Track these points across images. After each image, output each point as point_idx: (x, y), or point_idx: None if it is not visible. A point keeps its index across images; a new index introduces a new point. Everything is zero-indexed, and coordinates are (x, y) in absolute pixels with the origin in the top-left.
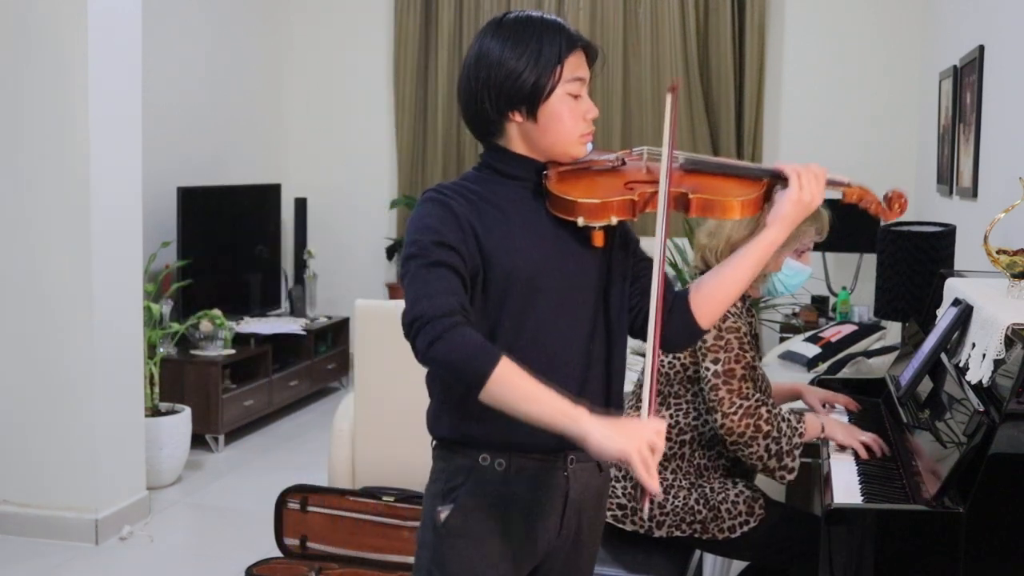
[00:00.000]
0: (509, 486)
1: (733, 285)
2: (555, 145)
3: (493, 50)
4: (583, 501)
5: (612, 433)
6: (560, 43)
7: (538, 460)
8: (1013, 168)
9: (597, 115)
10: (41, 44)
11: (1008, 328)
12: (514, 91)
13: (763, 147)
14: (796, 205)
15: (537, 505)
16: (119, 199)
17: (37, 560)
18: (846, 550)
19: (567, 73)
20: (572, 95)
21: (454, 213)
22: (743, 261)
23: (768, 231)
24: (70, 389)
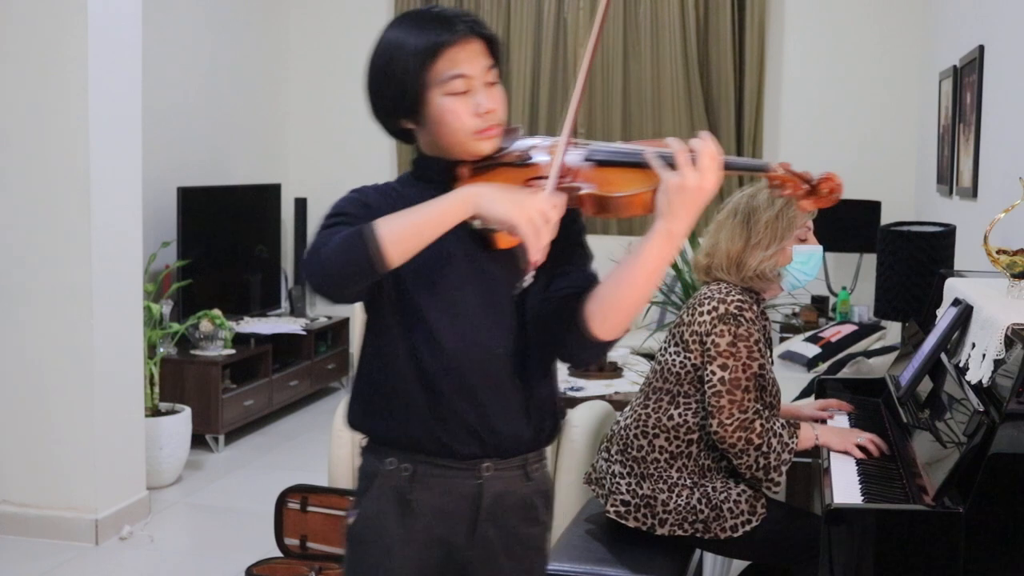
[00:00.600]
0: (415, 493)
1: (632, 290)
2: (452, 146)
3: (373, 54)
4: (499, 512)
5: (501, 196)
6: (427, 41)
7: (447, 467)
8: (1013, 168)
9: (494, 107)
10: (41, 44)
11: (1008, 328)
12: (390, 99)
13: (763, 147)
14: (680, 192)
15: (444, 514)
16: (119, 199)
17: (37, 560)
18: (846, 550)
19: (441, 72)
20: (455, 93)
21: (367, 202)
22: (642, 265)
23: (658, 224)
24: (70, 389)
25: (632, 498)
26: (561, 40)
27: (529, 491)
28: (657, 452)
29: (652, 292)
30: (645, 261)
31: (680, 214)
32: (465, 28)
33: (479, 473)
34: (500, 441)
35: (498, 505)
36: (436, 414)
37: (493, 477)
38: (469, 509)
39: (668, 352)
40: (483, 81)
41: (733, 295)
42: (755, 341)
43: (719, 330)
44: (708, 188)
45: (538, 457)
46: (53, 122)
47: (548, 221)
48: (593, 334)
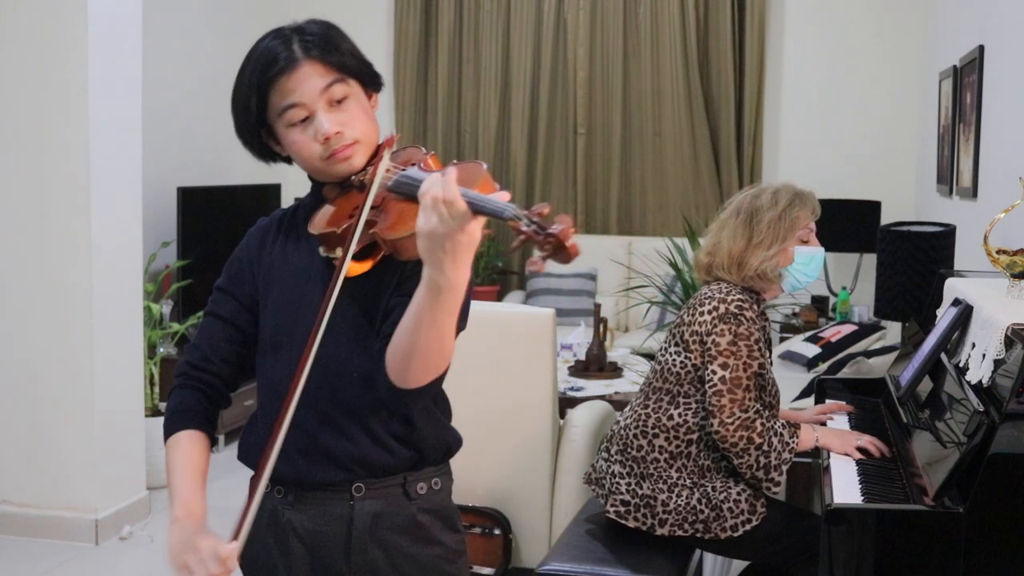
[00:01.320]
0: (286, 514)
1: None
2: (311, 172)
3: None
4: (381, 533)
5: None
6: (254, 79)
7: (318, 488)
8: (1013, 168)
9: (336, 129)
10: (41, 44)
11: (1008, 328)
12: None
13: (763, 147)
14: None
15: (318, 535)
16: (119, 199)
17: (37, 560)
18: (846, 550)
19: (276, 105)
20: (295, 123)
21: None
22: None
23: (427, 274)
24: (70, 389)
25: (632, 498)
26: (561, 40)
27: (414, 510)
28: (657, 452)
29: (442, 340)
30: (417, 312)
31: (431, 260)
32: (296, 52)
33: (351, 494)
34: (367, 463)
35: (378, 526)
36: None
37: (366, 497)
38: (343, 531)
39: (668, 352)
40: (324, 103)
41: (733, 295)
42: (755, 340)
43: (719, 329)
44: (443, 234)
45: (424, 476)
46: (53, 122)
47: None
48: (392, 381)
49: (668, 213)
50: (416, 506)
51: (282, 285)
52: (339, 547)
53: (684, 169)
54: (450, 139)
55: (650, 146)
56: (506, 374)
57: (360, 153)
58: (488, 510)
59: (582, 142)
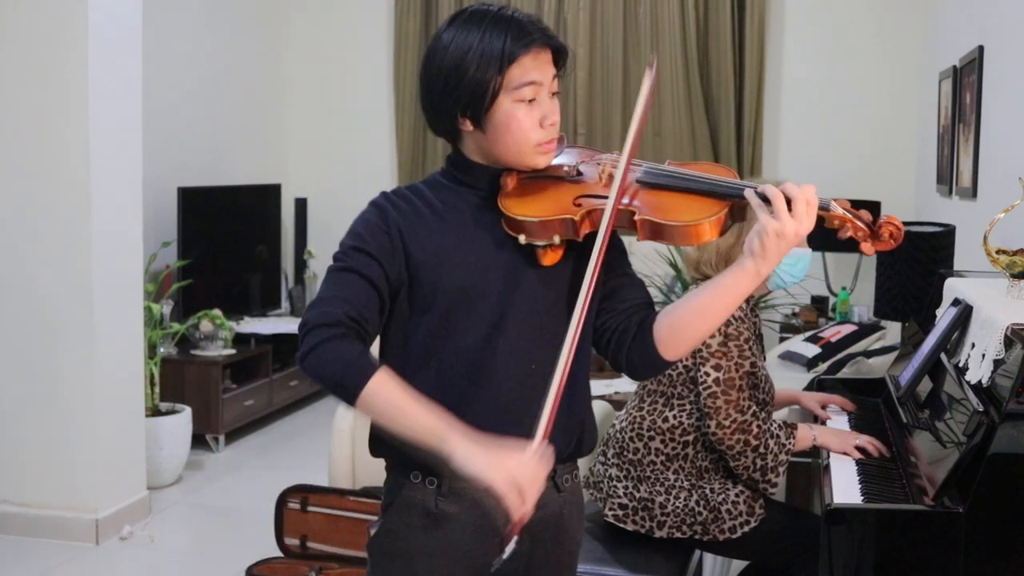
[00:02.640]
0: (440, 506)
1: (706, 321)
2: (507, 156)
3: (438, 49)
4: (532, 526)
5: (483, 458)
6: (505, 45)
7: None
8: (1013, 168)
9: (557, 120)
10: (41, 44)
11: (1008, 328)
12: (455, 98)
13: (763, 147)
14: (777, 240)
15: (472, 527)
16: (119, 199)
17: (37, 560)
18: (846, 550)
19: (515, 78)
20: (523, 101)
21: (386, 222)
22: (721, 297)
23: (748, 263)
24: (70, 389)
25: (630, 501)
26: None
27: (560, 504)
28: (653, 455)
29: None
30: (727, 295)
31: (772, 257)
32: (539, 35)
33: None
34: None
35: (531, 520)
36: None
37: None
38: (499, 521)
39: None
40: (549, 91)
41: None
42: (745, 340)
43: None
44: (803, 234)
45: (568, 468)
46: (53, 122)
47: (533, 481)
48: (660, 355)
49: None
50: (563, 499)
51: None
52: (493, 538)
53: None
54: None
55: (650, 146)
56: None
57: (554, 152)
58: None
59: (582, 142)
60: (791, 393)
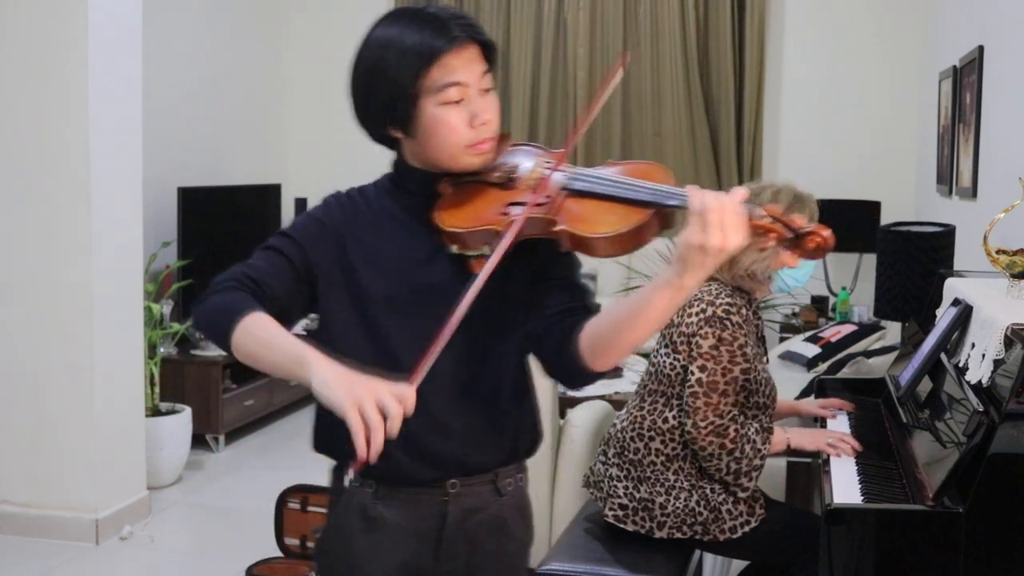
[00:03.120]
0: (377, 509)
1: (629, 334)
2: (440, 160)
3: (359, 56)
4: (469, 529)
5: (335, 380)
6: (422, 46)
7: (412, 485)
8: (1013, 168)
9: (489, 118)
10: (41, 44)
11: (1008, 328)
12: (378, 106)
13: (763, 147)
14: (699, 252)
15: (408, 530)
16: (119, 199)
17: (37, 560)
18: (846, 550)
19: (436, 80)
20: (449, 102)
21: (328, 215)
22: (643, 312)
23: (672, 278)
24: (70, 389)
25: (630, 501)
26: (561, 41)
27: (501, 507)
28: (653, 455)
29: (650, 333)
30: (649, 310)
31: (696, 271)
32: (462, 32)
33: (444, 490)
34: (464, 462)
35: (467, 522)
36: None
37: (460, 494)
38: (434, 526)
39: (660, 354)
40: (478, 89)
41: (722, 298)
42: (739, 346)
43: (704, 332)
44: (729, 249)
45: (512, 472)
46: (53, 122)
47: (390, 416)
48: (583, 365)
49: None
50: (504, 502)
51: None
52: (429, 543)
53: (684, 169)
54: None
55: (650, 146)
56: None
57: (494, 150)
58: None
59: (582, 142)
60: (789, 404)
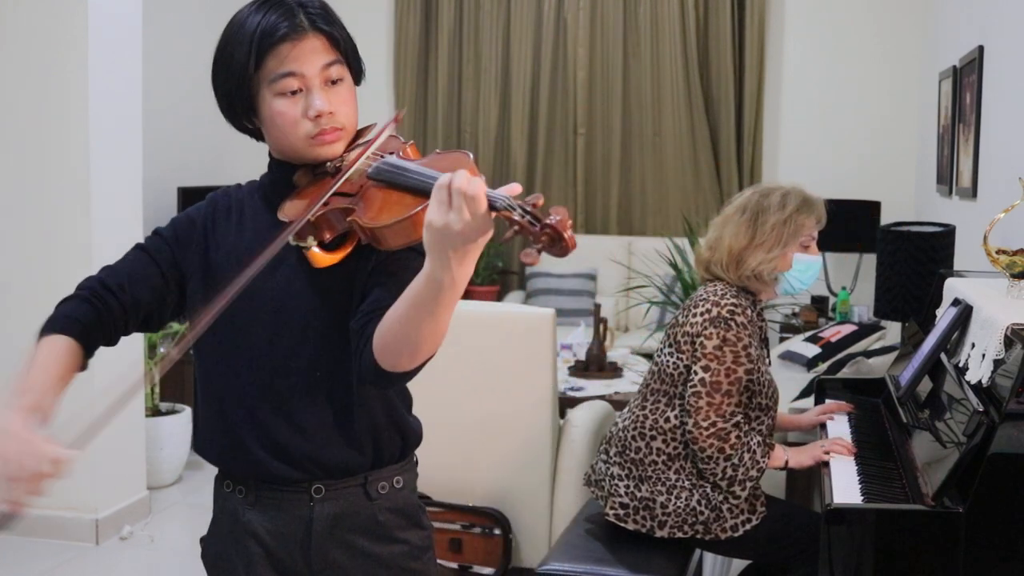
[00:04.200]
0: (249, 514)
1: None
2: (286, 151)
3: (219, 43)
4: (342, 533)
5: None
6: (255, 35)
7: (277, 489)
8: (1013, 168)
9: (329, 109)
10: (41, 44)
11: (1008, 328)
12: (223, 93)
13: (763, 147)
14: (437, 234)
15: (277, 535)
16: (119, 199)
17: (37, 560)
18: (846, 550)
19: (271, 70)
20: (285, 94)
21: (201, 215)
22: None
23: (427, 268)
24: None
25: (631, 500)
26: (561, 40)
27: (375, 510)
28: (655, 454)
29: (436, 332)
30: (419, 305)
31: (437, 256)
32: (303, 22)
33: (310, 495)
34: (326, 464)
35: (338, 526)
36: (250, 443)
37: (326, 499)
38: (302, 532)
39: (663, 353)
40: (320, 80)
41: (727, 299)
42: (744, 347)
43: (708, 332)
44: (457, 231)
45: (385, 475)
46: (53, 122)
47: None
48: (377, 364)
49: (668, 213)
50: (377, 506)
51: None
52: (298, 548)
53: (684, 169)
54: (450, 139)
55: (650, 146)
56: (506, 374)
57: (343, 140)
58: (488, 510)
59: (582, 142)
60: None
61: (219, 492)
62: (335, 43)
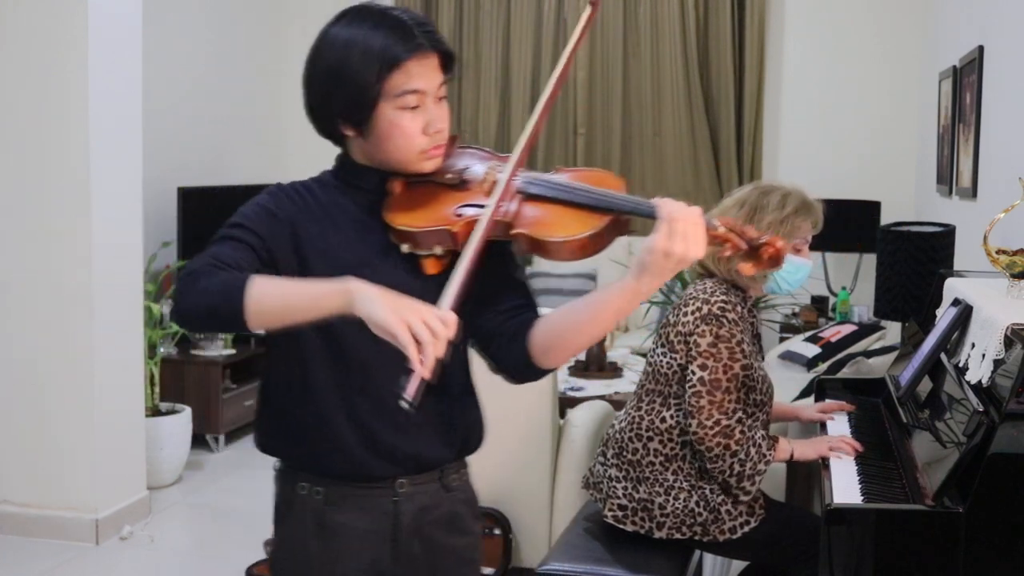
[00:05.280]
0: (329, 515)
1: (582, 336)
2: (392, 162)
3: (321, 50)
4: (423, 527)
5: (381, 299)
6: (386, 51)
7: (360, 487)
8: (1013, 168)
9: (443, 127)
10: (41, 44)
11: (1008, 328)
12: (335, 103)
13: (763, 147)
14: (663, 258)
15: (362, 533)
16: (119, 199)
17: (37, 560)
18: (846, 550)
19: (396, 86)
20: (406, 108)
21: (278, 206)
22: (600, 314)
23: (630, 282)
24: (70, 389)
25: (629, 502)
26: (561, 40)
27: (451, 502)
28: (652, 455)
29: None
30: (604, 312)
31: (658, 276)
32: (424, 41)
33: (394, 490)
34: (416, 459)
35: (420, 520)
36: (347, 439)
37: (409, 493)
38: (389, 527)
39: (656, 354)
40: (435, 97)
41: (717, 296)
42: (737, 343)
43: (701, 330)
44: (689, 259)
45: (456, 467)
46: (53, 122)
47: (436, 336)
48: (534, 362)
49: None
50: (453, 498)
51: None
52: (385, 543)
53: (684, 169)
54: None
55: (650, 146)
56: None
57: (442, 156)
58: (488, 510)
59: (582, 142)
60: (789, 409)
61: (291, 495)
62: (447, 62)
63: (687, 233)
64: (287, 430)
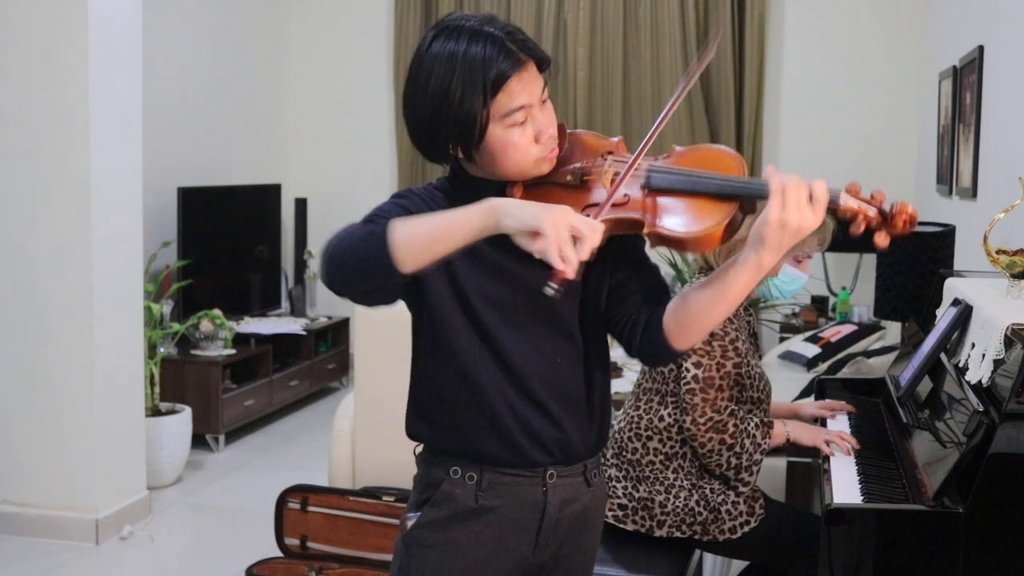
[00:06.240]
0: (480, 500)
1: (712, 315)
2: (508, 173)
3: (419, 80)
4: (563, 519)
5: (526, 205)
6: (488, 74)
7: (513, 475)
8: (1013, 168)
9: (554, 131)
10: (41, 44)
11: (1008, 328)
12: (444, 132)
13: (763, 147)
14: (777, 230)
15: (510, 521)
16: (119, 199)
17: (37, 560)
18: (846, 550)
19: (503, 106)
20: (516, 125)
21: (408, 209)
22: (724, 293)
23: (749, 256)
24: (70, 389)
25: (629, 501)
26: (561, 40)
27: (589, 498)
28: (652, 454)
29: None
30: (731, 289)
31: (776, 249)
32: (524, 54)
33: (543, 480)
34: (566, 448)
35: (561, 512)
36: (504, 425)
37: (557, 484)
38: (536, 517)
39: None
40: (539, 103)
41: None
42: (731, 340)
43: None
44: (807, 228)
45: (596, 463)
46: (53, 122)
47: (581, 237)
48: (671, 346)
49: None
50: (592, 493)
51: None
52: (531, 533)
53: None
54: None
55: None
56: None
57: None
58: None
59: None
60: (790, 407)
61: (440, 480)
62: (542, 64)
63: (800, 203)
64: (439, 418)
